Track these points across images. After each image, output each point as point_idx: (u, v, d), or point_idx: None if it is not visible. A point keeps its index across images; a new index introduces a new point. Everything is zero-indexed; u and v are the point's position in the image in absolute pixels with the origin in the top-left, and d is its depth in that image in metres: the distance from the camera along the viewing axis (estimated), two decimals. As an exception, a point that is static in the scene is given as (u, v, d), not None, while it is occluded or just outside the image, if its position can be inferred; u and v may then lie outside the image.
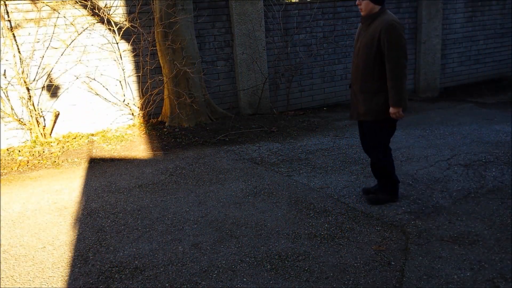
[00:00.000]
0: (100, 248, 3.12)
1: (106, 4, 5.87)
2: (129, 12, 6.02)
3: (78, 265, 2.92)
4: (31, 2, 5.49)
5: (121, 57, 6.09)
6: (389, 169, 3.49)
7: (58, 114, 5.93)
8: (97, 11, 5.76)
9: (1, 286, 2.73)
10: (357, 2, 3.25)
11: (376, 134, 3.38)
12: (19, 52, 5.53)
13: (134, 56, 6.17)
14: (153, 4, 5.96)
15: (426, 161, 4.55)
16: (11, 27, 5.44)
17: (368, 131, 3.43)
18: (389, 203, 3.57)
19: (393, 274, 2.64)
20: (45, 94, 5.83)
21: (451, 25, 8.31)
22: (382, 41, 3.13)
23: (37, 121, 5.73)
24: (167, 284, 2.66)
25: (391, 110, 3.22)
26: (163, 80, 6.26)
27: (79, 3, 5.72)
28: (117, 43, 6.02)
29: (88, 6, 5.70)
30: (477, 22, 8.58)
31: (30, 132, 5.76)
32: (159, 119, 6.46)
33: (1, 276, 2.84)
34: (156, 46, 6.14)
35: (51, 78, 5.81)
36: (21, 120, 5.69)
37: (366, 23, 3.26)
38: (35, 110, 5.71)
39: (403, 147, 5.07)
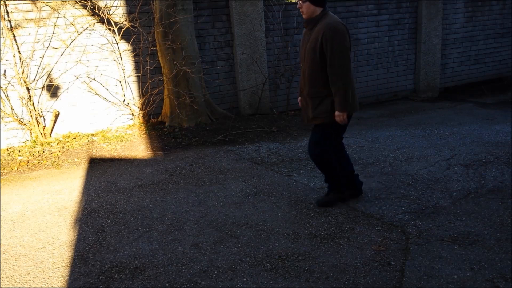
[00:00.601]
0: (100, 248, 3.12)
1: (106, 4, 5.87)
2: (129, 12, 6.02)
3: (78, 265, 2.92)
4: (31, 2, 5.49)
5: (121, 57, 6.09)
6: (334, 165, 3.45)
7: (58, 114, 5.93)
8: (97, 11, 5.76)
9: (1, 286, 2.73)
10: (298, 5, 3.18)
11: (322, 133, 3.33)
12: (19, 52, 5.53)
13: (134, 56, 6.17)
14: (153, 4, 5.96)
15: (426, 161, 4.55)
16: (11, 27, 5.44)
17: (314, 129, 3.39)
18: (341, 202, 3.59)
19: (393, 274, 2.64)
20: (45, 94, 5.83)
21: (451, 25, 8.31)
22: (325, 45, 3.07)
23: (37, 121, 5.73)
24: (167, 284, 2.66)
25: (336, 114, 3.19)
26: (163, 80, 6.26)
27: (79, 3, 5.72)
28: (117, 43, 6.02)
29: (88, 6, 5.70)
30: (477, 22, 8.57)
31: (30, 132, 5.76)
32: (159, 119, 6.46)
33: (1, 276, 2.84)
34: (156, 46, 6.14)
35: (51, 78, 5.81)
36: (21, 120, 5.69)
37: (309, 26, 3.22)
38: (35, 110, 5.71)
39: (403, 147, 5.07)
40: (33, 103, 5.69)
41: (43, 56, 5.68)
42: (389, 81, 8.07)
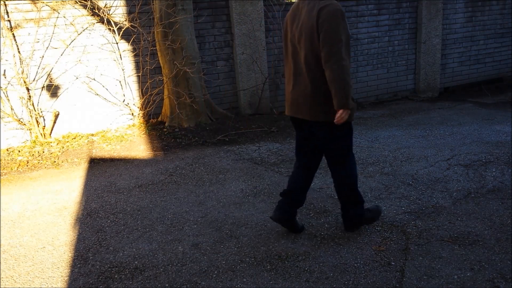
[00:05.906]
0: (100, 248, 3.12)
1: (106, 4, 5.87)
2: (129, 12, 6.02)
3: (78, 265, 2.91)
4: (31, 2, 5.49)
5: (121, 57, 6.09)
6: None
7: (58, 114, 5.93)
8: (97, 11, 5.75)
9: (1, 286, 2.73)
10: None
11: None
12: (19, 52, 5.53)
13: (134, 56, 6.17)
14: (153, 4, 5.96)
15: (426, 161, 4.54)
16: (11, 27, 5.43)
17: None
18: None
19: (393, 274, 2.64)
20: (45, 94, 5.83)
21: (451, 25, 8.31)
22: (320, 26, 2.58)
23: (37, 121, 5.73)
24: (167, 284, 2.66)
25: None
26: (163, 80, 6.26)
27: (79, 3, 5.72)
28: (117, 43, 6.02)
29: (88, 6, 5.70)
30: (477, 22, 8.57)
31: (30, 132, 5.76)
32: (159, 119, 6.45)
33: (1, 276, 2.84)
34: (156, 46, 6.14)
35: (51, 78, 5.81)
36: (21, 120, 5.69)
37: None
38: (35, 110, 5.71)
39: (403, 147, 5.07)
40: (33, 103, 5.68)
41: (43, 56, 5.68)
42: (389, 81, 8.07)
